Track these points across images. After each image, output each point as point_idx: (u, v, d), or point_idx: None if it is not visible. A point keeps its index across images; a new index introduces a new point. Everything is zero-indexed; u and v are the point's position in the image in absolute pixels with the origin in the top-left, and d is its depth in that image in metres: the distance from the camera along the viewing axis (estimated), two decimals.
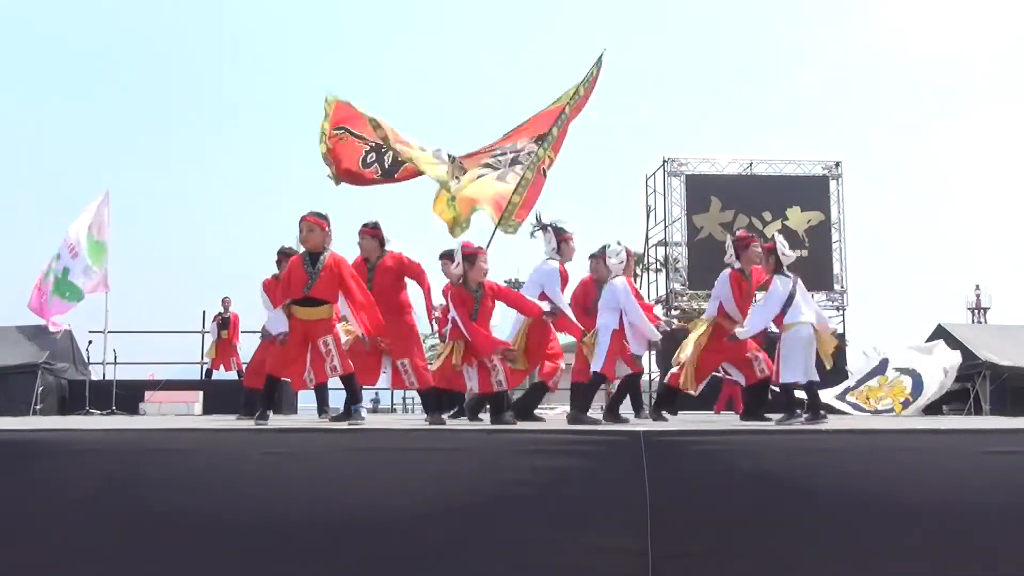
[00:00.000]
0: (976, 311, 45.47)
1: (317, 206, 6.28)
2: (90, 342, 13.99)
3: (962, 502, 4.58)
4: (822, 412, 6.43)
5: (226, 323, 13.77)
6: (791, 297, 6.53)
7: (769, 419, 6.97)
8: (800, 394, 6.79)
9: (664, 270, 19.85)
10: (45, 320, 13.64)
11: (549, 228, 7.39)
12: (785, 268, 6.68)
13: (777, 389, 7.02)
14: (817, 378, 6.61)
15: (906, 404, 10.88)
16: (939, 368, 11.26)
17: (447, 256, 6.36)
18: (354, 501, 4.45)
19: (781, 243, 6.74)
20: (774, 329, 6.93)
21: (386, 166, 9.30)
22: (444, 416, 6.77)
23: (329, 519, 4.41)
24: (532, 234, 7.55)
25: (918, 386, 11.00)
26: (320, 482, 4.51)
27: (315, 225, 6.08)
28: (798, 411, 6.46)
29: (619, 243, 7.00)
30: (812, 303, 6.80)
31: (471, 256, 6.30)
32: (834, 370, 8.02)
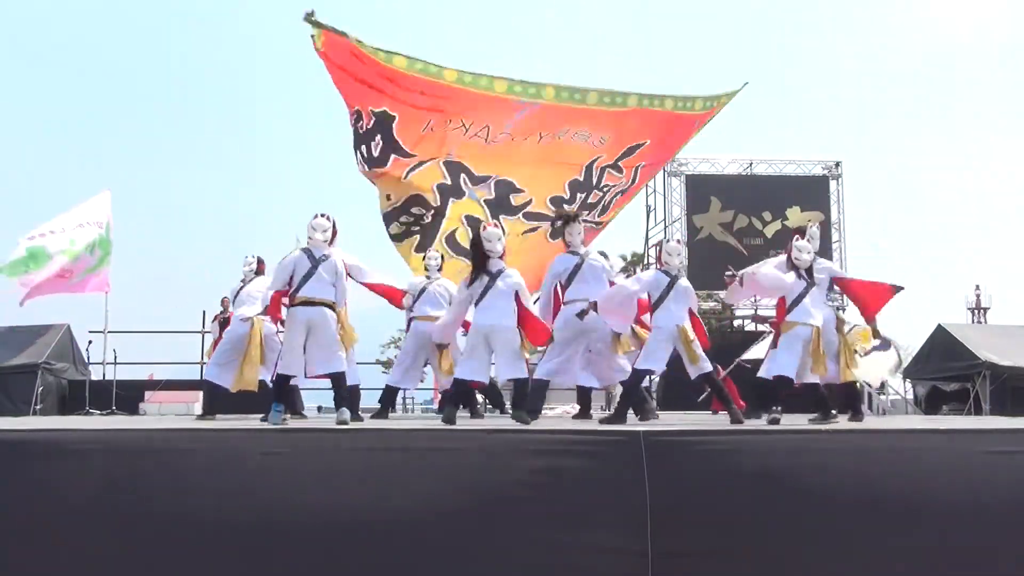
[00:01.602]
0: (976, 311, 45.36)
1: (318, 207, 6.45)
2: (90, 342, 13.96)
3: (962, 502, 4.58)
4: (777, 408, 6.22)
5: (226, 323, 13.75)
6: (800, 296, 6.45)
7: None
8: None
9: None
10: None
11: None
12: (801, 270, 6.55)
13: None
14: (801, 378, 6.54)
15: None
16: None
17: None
18: (354, 501, 4.45)
19: (796, 247, 6.65)
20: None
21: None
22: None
23: (329, 519, 4.41)
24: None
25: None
26: (320, 482, 4.51)
27: None
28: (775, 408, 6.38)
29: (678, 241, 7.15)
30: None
31: None
32: None
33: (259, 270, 8.27)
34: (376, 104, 8.69)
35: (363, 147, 8.86)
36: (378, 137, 8.81)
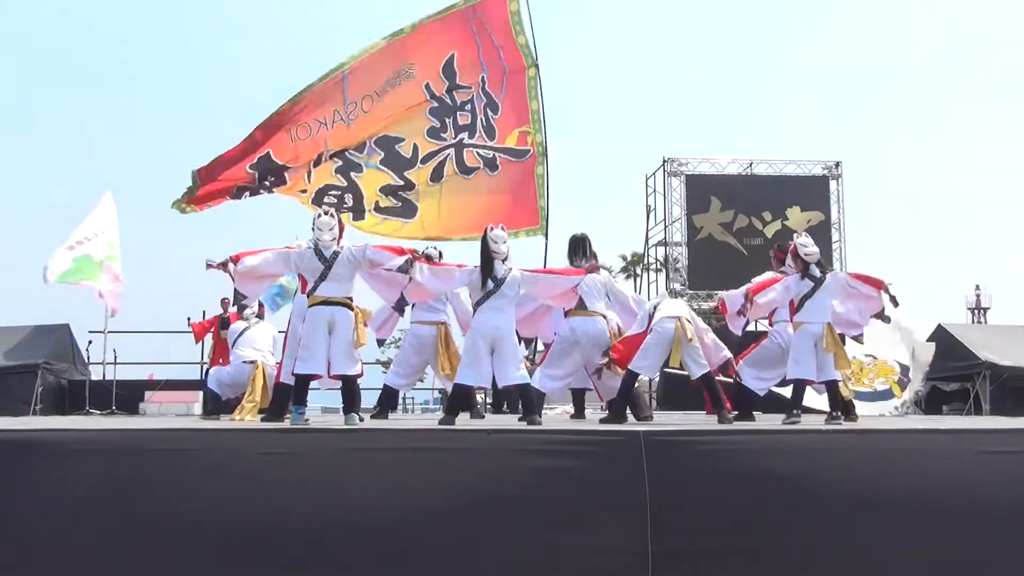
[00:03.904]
0: (976, 311, 45.34)
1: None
2: (90, 342, 13.92)
3: (962, 502, 4.58)
4: (796, 412, 6.36)
5: (225, 324, 13.74)
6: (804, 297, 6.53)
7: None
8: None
9: (664, 270, 19.84)
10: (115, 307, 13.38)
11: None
12: (811, 267, 6.56)
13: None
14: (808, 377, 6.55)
15: (901, 385, 10.69)
16: (919, 367, 11.07)
17: None
18: (354, 501, 4.45)
19: (801, 244, 6.70)
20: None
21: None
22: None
23: (329, 519, 4.41)
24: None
25: (904, 374, 10.84)
26: (319, 482, 4.51)
27: None
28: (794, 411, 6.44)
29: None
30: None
31: None
32: None
33: (260, 313, 8.30)
34: (251, 159, 9.30)
35: (261, 188, 9.44)
36: (268, 176, 9.37)
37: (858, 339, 7.27)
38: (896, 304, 6.79)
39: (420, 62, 9.58)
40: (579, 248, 7.29)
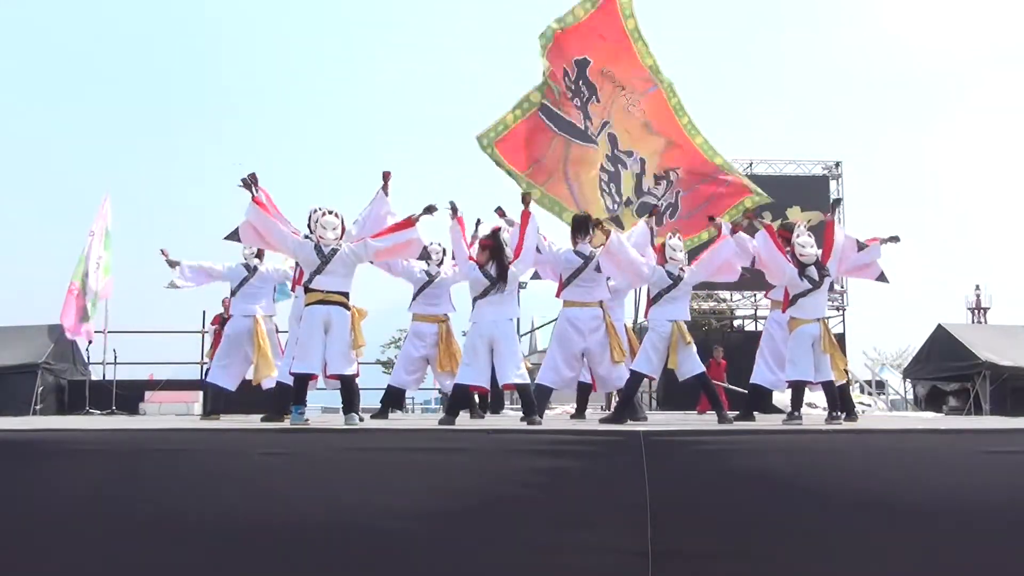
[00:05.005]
0: (976, 311, 45.31)
1: (313, 203, 6.37)
2: (90, 342, 13.94)
3: (962, 502, 4.58)
4: (796, 413, 6.38)
5: (226, 323, 13.74)
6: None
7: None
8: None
9: None
10: (79, 334, 13.48)
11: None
12: (807, 267, 6.45)
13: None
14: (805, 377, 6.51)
15: None
16: None
17: None
18: (353, 501, 4.45)
19: (799, 244, 6.54)
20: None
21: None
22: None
23: (329, 519, 4.41)
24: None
25: None
26: (319, 482, 4.51)
27: None
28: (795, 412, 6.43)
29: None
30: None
31: None
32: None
33: (258, 254, 8.18)
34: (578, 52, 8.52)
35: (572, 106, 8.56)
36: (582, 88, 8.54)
37: (883, 278, 7.16)
38: (836, 202, 6.84)
39: (652, 146, 9.02)
40: (582, 228, 7.17)
